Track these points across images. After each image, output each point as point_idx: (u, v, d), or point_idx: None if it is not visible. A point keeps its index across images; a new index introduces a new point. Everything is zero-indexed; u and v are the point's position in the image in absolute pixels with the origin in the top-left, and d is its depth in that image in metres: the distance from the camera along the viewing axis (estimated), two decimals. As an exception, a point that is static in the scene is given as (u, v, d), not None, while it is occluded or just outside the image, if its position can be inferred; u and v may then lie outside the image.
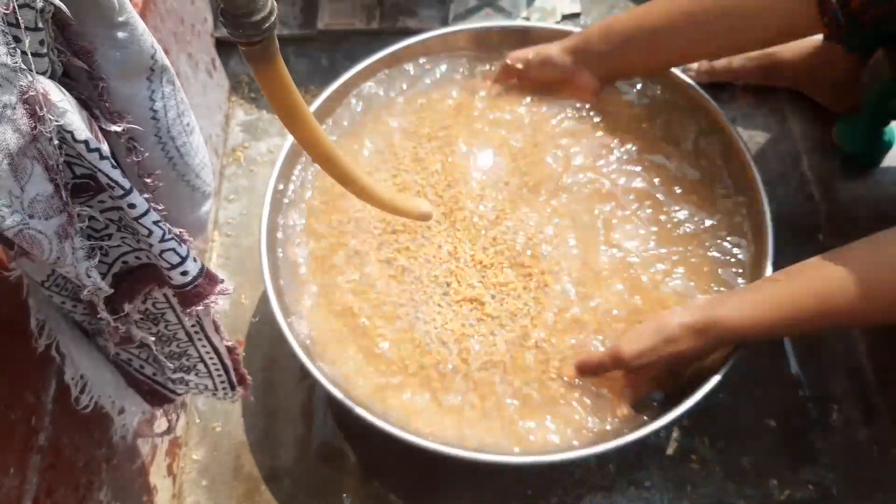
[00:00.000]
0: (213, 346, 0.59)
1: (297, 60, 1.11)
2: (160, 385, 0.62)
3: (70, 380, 0.54)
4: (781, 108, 1.03)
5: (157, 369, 0.61)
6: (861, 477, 0.80)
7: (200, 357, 0.60)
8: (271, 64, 0.46)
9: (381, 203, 0.64)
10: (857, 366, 0.86)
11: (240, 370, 0.63)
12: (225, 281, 0.49)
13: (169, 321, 0.55)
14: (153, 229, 0.43)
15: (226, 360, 0.61)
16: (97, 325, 0.54)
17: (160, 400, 0.64)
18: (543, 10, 1.11)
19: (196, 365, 0.61)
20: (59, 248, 0.40)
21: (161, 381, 0.62)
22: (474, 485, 0.80)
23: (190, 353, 0.59)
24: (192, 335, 0.57)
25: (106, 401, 0.58)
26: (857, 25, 0.68)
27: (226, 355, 0.61)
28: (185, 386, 0.63)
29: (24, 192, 0.36)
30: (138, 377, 0.61)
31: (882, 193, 0.96)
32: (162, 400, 0.64)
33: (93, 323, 0.54)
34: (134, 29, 0.39)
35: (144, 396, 0.62)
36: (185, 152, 0.46)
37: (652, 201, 0.81)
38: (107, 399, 0.58)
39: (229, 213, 1.00)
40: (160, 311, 0.54)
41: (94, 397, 0.56)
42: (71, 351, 0.53)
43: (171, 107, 0.44)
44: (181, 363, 0.60)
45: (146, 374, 0.61)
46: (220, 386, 0.64)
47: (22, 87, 0.33)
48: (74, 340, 0.53)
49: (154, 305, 0.53)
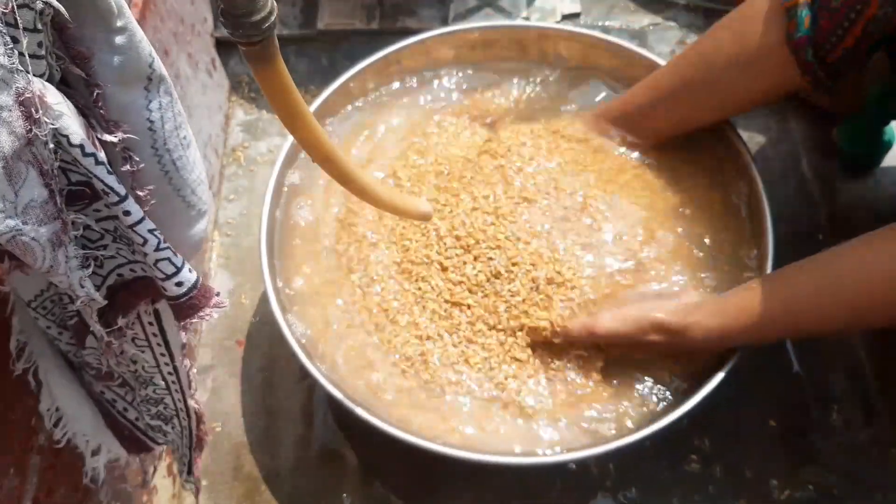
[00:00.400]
0: (185, 402, 0.58)
1: (297, 60, 1.11)
2: (140, 431, 0.61)
3: (45, 411, 0.53)
4: (782, 108, 1.03)
5: (139, 414, 0.59)
6: (861, 477, 0.80)
7: (176, 411, 0.58)
8: (271, 64, 0.45)
9: (380, 203, 0.64)
10: (857, 366, 0.86)
11: (201, 446, 0.62)
12: (220, 294, 0.48)
13: (147, 361, 0.53)
14: (148, 238, 0.42)
15: (193, 425, 0.60)
16: (82, 358, 0.52)
17: (138, 447, 0.62)
18: (543, 10, 1.11)
19: (172, 418, 0.59)
20: (52, 257, 0.39)
21: (142, 427, 0.60)
22: (474, 485, 0.80)
23: (167, 401, 0.57)
24: (168, 383, 0.55)
25: (80, 439, 0.56)
26: (837, 73, 0.69)
27: (194, 420, 0.60)
28: (164, 436, 0.62)
29: (17, 198, 0.35)
30: (120, 420, 0.59)
31: (882, 193, 0.96)
32: (140, 447, 0.62)
33: (78, 355, 0.52)
34: (132, 35, 0.39)
35: (122, 441, 0.60)
36: (182, 166, 0.45)
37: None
38: (81, 437, 0.56)
39: (229, 213, 1.00)
40: (140, 348, 0.52)
41: (69, 433, 0.55)
42: (49, 380, 0.51)
43: (168, 118, 0.43)
44: (158, 410, 0.58)
45: (129, 417, 0.59)
46: (182, 457, 0.63)
47: (18, 88, 0.33)
48: (57, 369, 0.52)
49: (134, 341, 0.51)
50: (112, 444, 0.60)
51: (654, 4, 1.14)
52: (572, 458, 0.68)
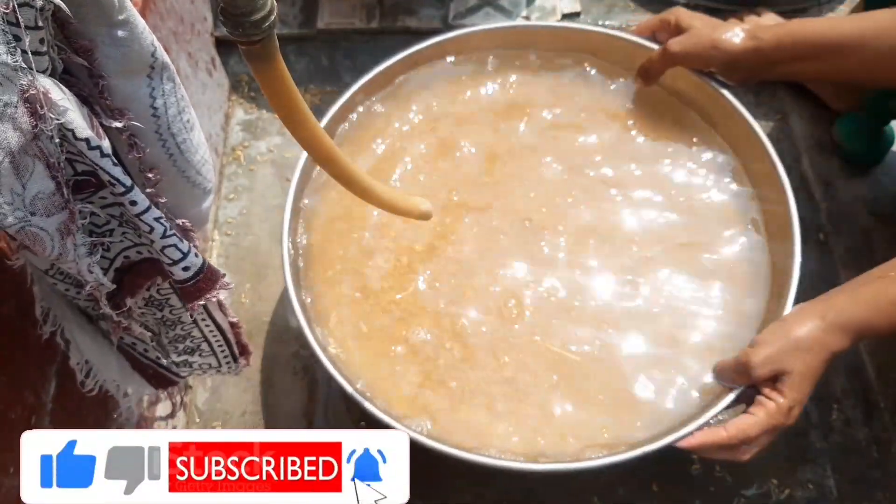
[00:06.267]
0: (217, 324, 0.59)
1: (297, 60, 1.11)
2: (164, 368, 0.63)
3: (75, 365, 0.54)
4: (782, 107, 1.03)
5: (160, 353, 0.61)
6: (861, 477, 0.80)
7: (204, 337, 0.60)
8: (271, 63, 0.45)
9: (381, 203, 0.64)
10: (858, 365, 0.86)
11: (241, 341, 0.64)
12: (226, 275, 0.50)
13: (174, 306, 0.55)
14: (154, 226, 0.43)
15: (229, 335, 0.62)
16: (101, 311, 0.54)
17: (164, 383, 0.64)
18: (543, 10, 1.11)
19: (200, 345, 0.61)
20: (60, 245, 0.40)
21: (165, 364, 0.62)
22: (474, 485, 0.80)
23: (194, 334, 0.59)
24: (196, 319, 0.57)
25: (111, 384, 0.58)
26: None
27: (229, 331, 0.61)
28: (189, 368, 0.64)
29: (25, 190, 0.36)
30: (143, 361, 0.61)
31: (882, 193, 0.96)
32: (166, 383, 0.64)
33: (96, 309, 0.54)
34: (134, 27, 0.39)
35: (149, 379, 0.63)
36: (186, 149, 0.47)
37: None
38: (111, 383, 0.58)
39: (229, 212, 1.00)
40: (165, 297, 0.54)
41: (100, 381, 0.57)
42: (76, 336, 0.53)
43: (171, 104, 0.44)
44: (185, 345, 0.60)
45: (150, 357, 0.61)
46: (223, 362, 0.64)
47: (22, 85, 0.33)
48: (79, 326, 0.54)
49: (158, 292, 0.53)
50: (140, 384, 0.62)
51: (654, 4, 1.14)
52: (574, 468, 0.66)
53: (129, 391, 0.61)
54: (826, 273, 0.90)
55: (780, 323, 0.65)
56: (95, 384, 0.56)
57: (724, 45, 0.76)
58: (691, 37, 0.78)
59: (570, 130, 0.85)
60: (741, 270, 0.76)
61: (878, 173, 0.98)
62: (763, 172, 0.78)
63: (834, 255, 0.92)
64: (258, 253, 0.96)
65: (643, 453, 0.64)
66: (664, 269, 0.76)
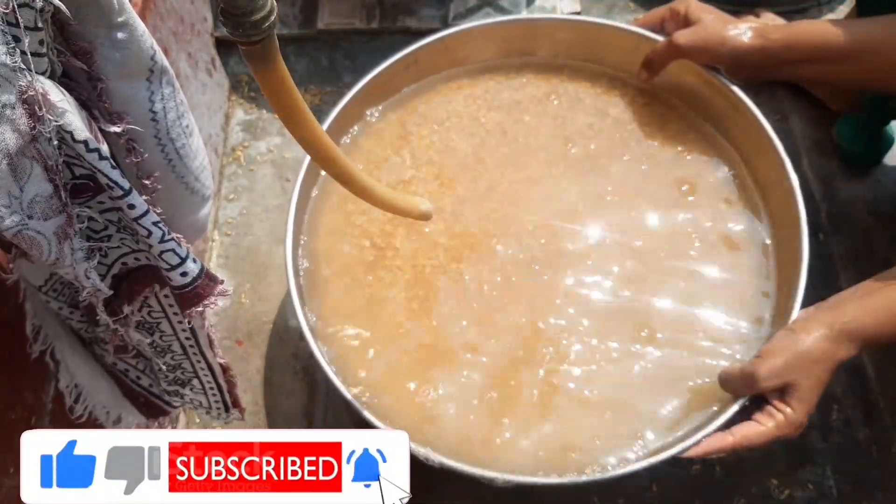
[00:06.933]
0: (207, 361, 0.58)
1: (296, 60, 1.11)
2: (156, 397, 0.62)
3: (64, 388, 0.53)
4: (781, 107, 1.03)
5: (153, 381, 0.60)
6: (861, 477, 0.80)
7: (195, 372, 0.59)
8: (271, 63, 0.45)
9: (380, 202, 0.64)
10: (858, 365, 0.86)
11: (234, 392, 0.63)
12: (225, 282, 0.49)
13: (164, 331, 0.54)
14: (153, 230, 0.43)
15: (220, 379, 0.60)
16: (94, 334, 0.53)
17: (155, 412, 0.63)
18: (543, 10, 1.11)
19: (191, 380, 0.60)
20: (58, 249, 0.39)
21: (157, 392, 0.61)
22: (474, 484, 0.80)
23: (184, 366, 0.58)
24: (186, 348, 0.56)
25: (100, 411, 0.57)
26: None
27: (220, 374, 0.60)
28: (181, 399, 0.63)
29: (23, 193, 0.36)
30: (134, 388, 0.60)
31: (882, 193, 0.96)
32: (157, 412, 0.63)
33: (90, 331, 0.53)
34: (133, 30, 0.39)
35: (140, 408, 0.62)
36: (185, 154, 0.46)
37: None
38: (101, 409, 0.57)
39: (229, 212, 1.00)
40: (155, 321, 0.53)
41: (89, 407, 0.56)
42: (66, 358, 0.52)
43: (170, 108, 0.43)
44: (176, 376, 0.59)
45: (142, 385, 0.60)
46: (213, 405, 0.63)
47: (21, 87, 0.33)
48: (71, 347, 0.53)
49: (150, 314, 0.52)
50: (130, 412, 0.61)
51: (654, 4, 1.13)
52: (574, 482, 0.67)
53: (120, 418, 0.60)
54: (826, 273, 0.90)
55: (786, 332, 0.64)
56: (85, 409, 0.55)
57: (733, 42, 0.75)
58: (699, 30, 0.77)
59: (575, 134, 0.85)
60: (743, 275, 0.76)
61: (878, 173, 0.97)
62: (770, 173, 0.79)
63: (834, 255, 0.92)
64: (258, 253, 0.97)
65: (650, 464, 0.64)
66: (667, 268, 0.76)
